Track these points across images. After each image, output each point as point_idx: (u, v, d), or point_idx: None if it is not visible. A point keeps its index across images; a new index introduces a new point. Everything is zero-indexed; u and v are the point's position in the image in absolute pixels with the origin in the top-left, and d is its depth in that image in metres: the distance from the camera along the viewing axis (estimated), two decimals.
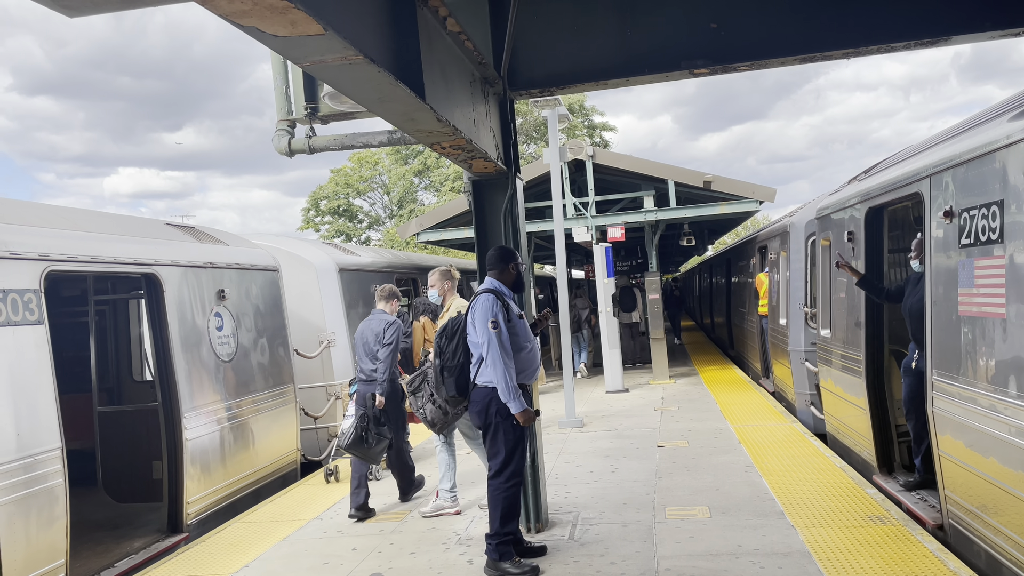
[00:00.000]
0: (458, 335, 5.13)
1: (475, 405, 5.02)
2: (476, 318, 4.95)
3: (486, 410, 4.95)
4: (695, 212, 13.41)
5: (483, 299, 4.98)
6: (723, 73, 5.71)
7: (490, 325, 4.84)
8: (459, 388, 5.09)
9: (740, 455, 7.66)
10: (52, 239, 5.68)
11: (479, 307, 4.96)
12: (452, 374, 5.09)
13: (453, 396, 5.11)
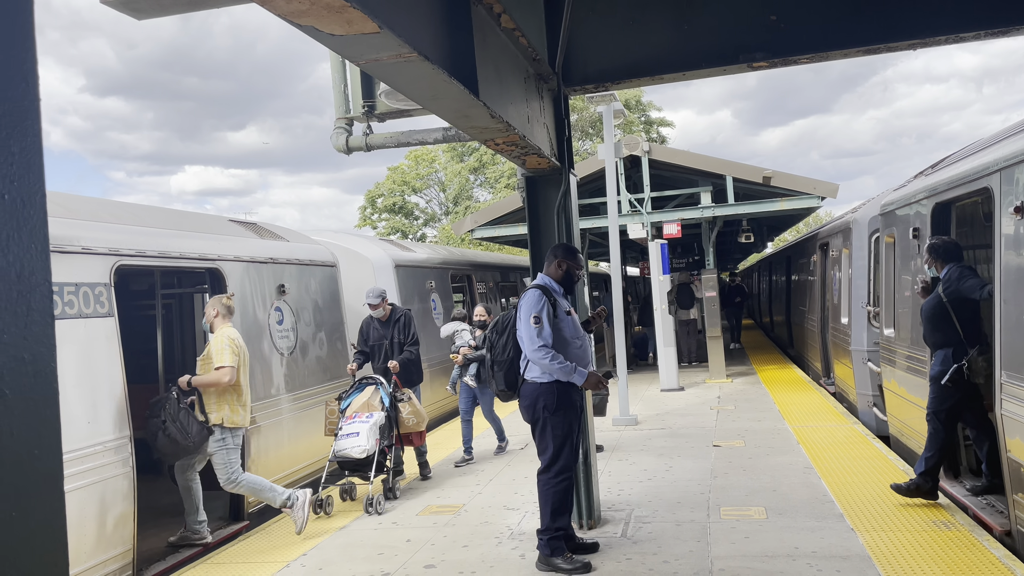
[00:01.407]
0: (508, 330, 5.17)
1: (524, 400, 5.06)
2: (522, 313, 5.01)
3: (534, 405, 4.98)
4: (754, 208, 13.17)
5: (529, 294, 5.03)
6: (783, 66, 5.59)
7: (532, 320, 4.88)
8: (508, 382, 5.14)
9: (798, 456, 7.50)
10: (121, 235, 5.90)
11: (524, 303, 5.02)
12: (501, 368, 5.14)
13: (503, 390, 5.15)
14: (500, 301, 16.12)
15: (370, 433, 6.76)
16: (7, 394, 1.08)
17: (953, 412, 5.65)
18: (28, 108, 1.16)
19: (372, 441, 6.73)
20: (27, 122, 1.15)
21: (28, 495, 1.11)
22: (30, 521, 1.11)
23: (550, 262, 5.23)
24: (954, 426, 5.74)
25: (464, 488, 7.20)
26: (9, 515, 1.09)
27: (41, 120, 1.18)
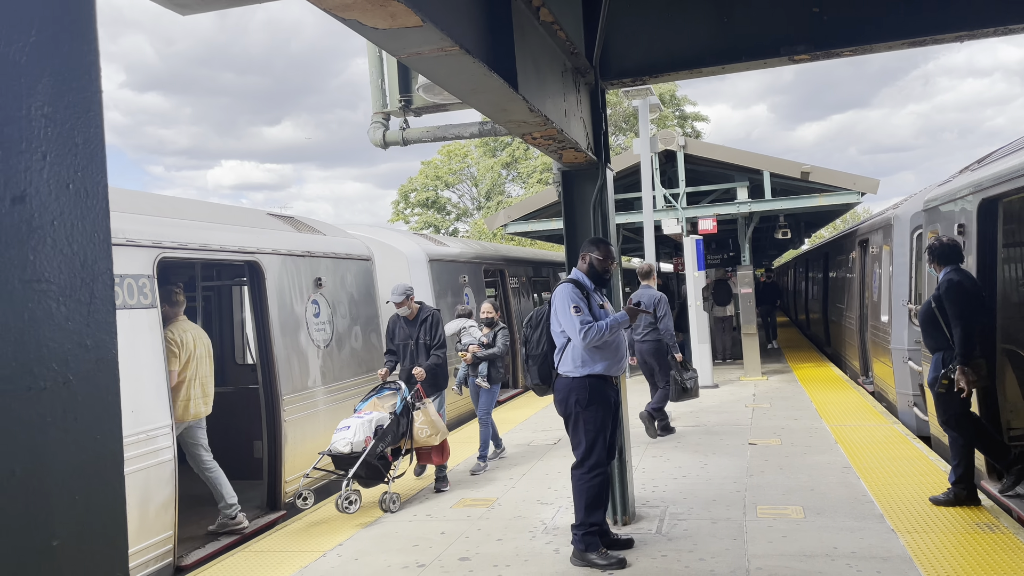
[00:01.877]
0: (542, 324, 5.20)
1: (557, 394, 5.07)
2: (556, 307, 5.02)
3: (566, 400, 4.99)
4: (791, 204, 13.00)
5: (561, 288, 5.04)
6: (825, 59, 5.51)
7: (572, 310, 4.87)
8: (542, 376, 5.17)
9: (837, 455, 7.40)
10: (163, 227, 6.00)
11: (558, 297, 5.02)
12: (535, 362, 5.19)
13: (537, 384, 5.19)
14: (533, 296, 16.11)
15: (360, 429, 6.47)
16: (71, 380, 1.11)
17: (963, 416, 5.54)
18: (91, 100, 1.18)
19: (360, 437, 6.42)
20: (90, 113, 1.18)
21: (91, 478, 1.13)
22: (93, 503, 1.14)
23: (580, 256, 5.26)
24: (972, 428, 5.61)
25: (497, 482, 7.22)
26: (73, 498, 1.11)
27: (103, 112, 1.21)
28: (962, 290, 5.40)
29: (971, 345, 5.33)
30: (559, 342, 5.05)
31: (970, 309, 5.37)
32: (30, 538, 1.05)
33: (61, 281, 1.10)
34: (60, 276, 1.10)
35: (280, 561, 5.41)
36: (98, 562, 1.15)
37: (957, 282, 5.44)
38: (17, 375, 1.03)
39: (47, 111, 1.11)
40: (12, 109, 1.06)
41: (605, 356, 4.97)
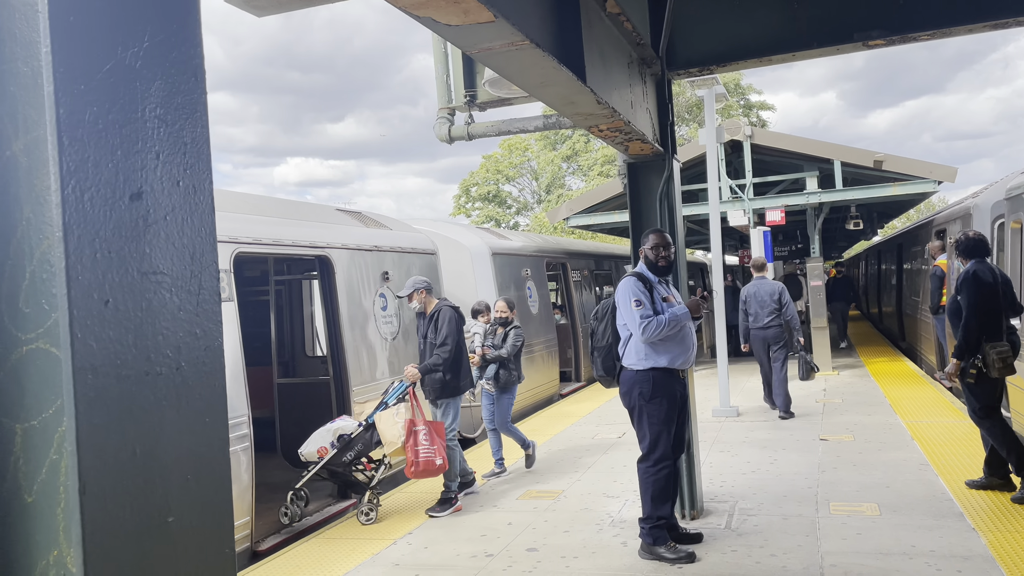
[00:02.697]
0: (607, 317, 5.19)
1: (622, 387, 5.07)
2: (619, 301, 5.02)
3: (630, 393, 4.99)
4: (863, 194, 12.63)
5: (624, 282, 5.04)
6: (901, 44, 5.34)
7: (633, 304, 4.86)
8: (605, 368, 5.18)
9: (913, 452, 7.19)
10: (239, 223, 6.20)
11: (620, 291, 5.01)
12: (600, 354, 5.20)
13: (601, 375, 5.21)
14: (595, 290, 16.06)
15: (319, 437, 6.26)
16: (183, 366, 1.18)
17: (994, 408, 5.64)
18: (197, 101, 1.25)
19: (313, 447, 6.23)
20: (197, 114, 1.24)
21: (202, 459, 1.20)
22: (203, 483, 1.20)
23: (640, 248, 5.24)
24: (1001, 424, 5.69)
25: (563, 475, 7.25)
26: (186, 477, 1.18)
27: (208, 112, 1.27)
28: (978, 283, 5.51)
29: (971, 340, 5.48)
30: (623, 335, 5.05)
31: (983, 303, 5.48)
32: (149, 515, 1.12)
33: (174, 272, 1.17)
34: (173, 268, 1.17)
35: (352, 548, 5.55)
36: (208, 538, 1.22)
37: (973, 273, 5.55)
38: (137, 361, 1.11)
39: (159, 113, 1.17)
40: (129, 111, 1.13)
41: (670, 349, 4.93)
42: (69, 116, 1.05)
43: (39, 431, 1.08)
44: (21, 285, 1.10)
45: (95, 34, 1.09)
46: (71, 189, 1.04)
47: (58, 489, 1.07)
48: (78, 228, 1.05)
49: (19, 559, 1.10)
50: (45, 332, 1.08)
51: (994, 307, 5.54)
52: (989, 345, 5.47)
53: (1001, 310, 5.59)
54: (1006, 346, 5.48)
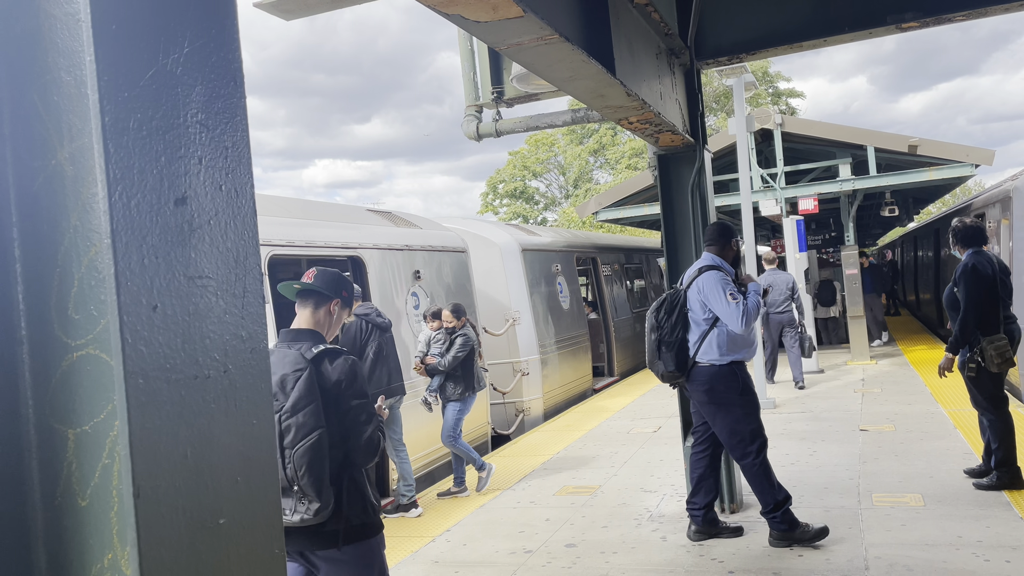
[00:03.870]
0: (678, 310, 5.00)
1: (699, 384, 4.94)
2: (708, 294, 4.85)
3: (714, 389, 4.88)
4: (898, 180, 12.40)
5: (712, 275, 4.88)
6: (935, 25, 5.22)
7: (728, 297, 4.76)
8: (678, 364, 4.98)
9: (956, 441, 7.05)
10: (273, 227, 6.27)
11: (710, 283, 4.85)
12: (671, 349, 4.97)
13: (671, 371, 4.99)
14: (626, 284, 15.98)
15: None
16: (231, 368, 1.18)
17: (998, 397, 5.60)
18: (237, 106, 1.25)
19: None
20: (237, 118, 1.25)
21: (250, 461, 1.21)
22: (253, 484, 1.21)
23: (721, 242, 5.09)
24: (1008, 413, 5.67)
25: (599, 470, 7.22)
26: (235, 479, 1.19)
27: (248, 116, 1.28)
28: (977, 276, 5.45)
29: (965, 333, 5.45)
30: (700, 329, 4.93)
31: (981, 294, 5.44)
32: (200, 517, 1.13)
33: (219, 276, 1.17)
34: (218, 272, 1.17)
35: (391, 546, 5.58)
36: (258, 538, 1.22)
37: (972, 266, 5.49)
38: (185, 364, 1.11)
39: (201, 118, 1.18)
40: (172, 117, 1.14)
41: (746, 343, 4.96)
42: (114, 124, 1.06)
43: (91, 436, 1.10)
44: (70, 292, 1.11)
45: (137, 42, 1.10)
46: (118, 196, 1.05)
47: (111, 493, 1.09)
48: (125, 234, 1.05)
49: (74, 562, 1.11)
50: (95, 338, 1.09)
51: (993, 299, 5.48)
52: (987, 340, 5.43)
53: (999, 301, 5.52)
54: (1004, 340, 5.43)
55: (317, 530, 2.74)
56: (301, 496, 2.67)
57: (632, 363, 14.92)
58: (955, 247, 5.80)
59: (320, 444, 2.67)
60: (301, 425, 2.66)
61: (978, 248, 5.64)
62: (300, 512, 2.68)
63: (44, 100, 1.12)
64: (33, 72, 1.13)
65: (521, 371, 10.50)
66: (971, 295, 5.43)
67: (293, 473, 2.65)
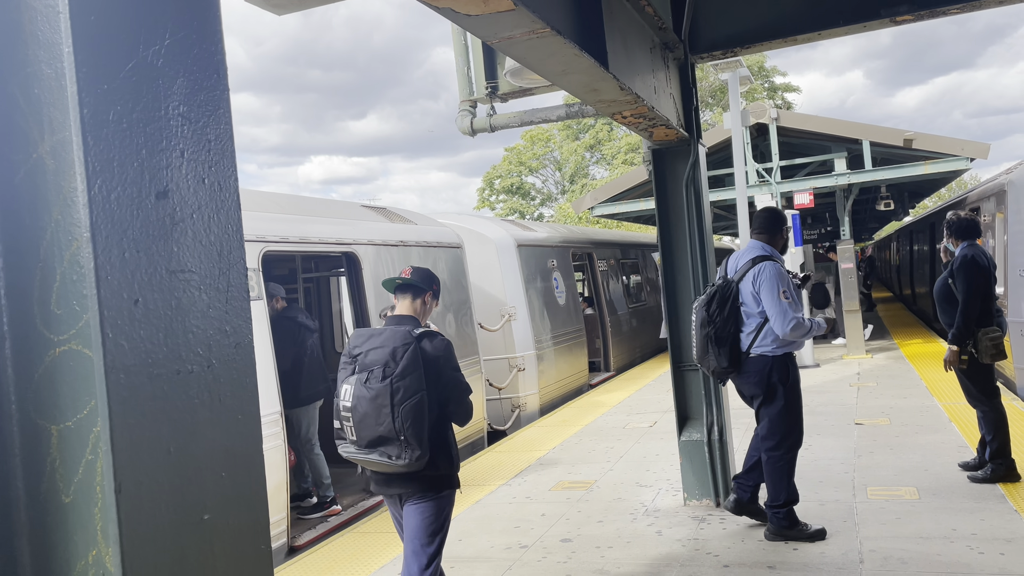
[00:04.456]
0: (730, 303, 4.85)
1: (751, 376, 4.84)
2: (762, 286, 4.74)
3: (766, 380, 4.79)
4: (894, 174, 12.41)
5: (772, 268, 4.77)
6: (930, 19, 5.22)
7: (781, 295, 4.68)
8: (732, 359, 4.86)
9: (951, 434, 7.06)
10: (267, 222, 6.25)
11: (768, 276, 4.73)
12: (724, 344, 4.83)
13: (725, 367, 4.86)
14: (622, 279, 15.98)
15: None
16: (215, 363, 1.18)
17: (992, 389, 5.65)
18: (220, 98, 1.24)
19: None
20: (220, 111, 1.24)
21: (235, 456, 1.20)
22: (238, 480, 1.20)
23: (773, 231, 5.00)
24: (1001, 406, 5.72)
25: (595, 465, 7.23)
26: (220, 475, 1.18)
27: (231, 109, 1.27)
28: (976, 267, 5.47)
29: (968, 325, 5.45)
30: (755, 321, 4.82)
31: (979, 287, 5.45)
32: (185, 513, 1.13)
33: (202, 270, 1.17)
34: (201, 266, 1.17)
35: (386, 542, 5.58)
36: (243, 534, 1.22)
37: (971, 258, 5.50)
38: (168, 359, 1.11)
39: (183, 110, 1.17)
40: (153, 109, 1.13)
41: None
42: (93, 116, 1.05)
43: (74, 432, 1.09)
44: (52, 287, 1.10)
45: (116, 33, 1.09)
46: (97, 189, 1.04)
47: (95, 489, 1.08)
48: (105, 228, 1.04)
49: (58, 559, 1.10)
50: (77, 333, 1.08)
51: (989, 291, 5.53)
52: (982, 331, 5.46)
53: (993, 293, 5.57)
54: (998, 331, 5.47)
55: (413, 475, 3.33)
56: (405, 445, 3.24)
57: (628, 358, 14.92)
58: (950, 240, 5.82)
59: (421, 404, 3.26)
60: (408, 387, 3.25)
61: (972, 241, 5.67)
62: (403, 459, 3.25)
63: (25, 93, 1.11)
64: (14, 65, 1.12)
65: (517, 367, 10.50)
66: (972, 286, 5.44)
67: (400, 425, 3.22)
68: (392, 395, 3.23)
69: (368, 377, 3.31)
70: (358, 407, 3.31)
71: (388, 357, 3.28)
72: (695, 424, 5.83)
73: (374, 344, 3.38)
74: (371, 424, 3.27)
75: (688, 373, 5.86)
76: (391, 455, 3.26)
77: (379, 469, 3.38)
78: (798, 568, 4.41)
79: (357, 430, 3.33)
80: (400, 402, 3.23)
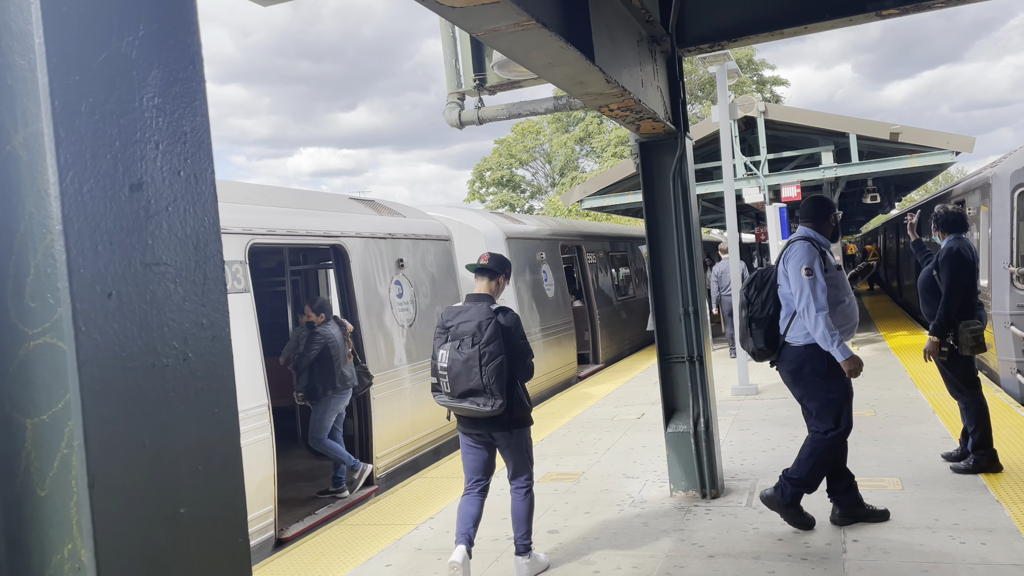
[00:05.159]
0: (768, 285, 4.83)
1: (787, 364, 4.75)
2: (789, 266, 4.65)
3: (799, 370, 4.69)
4: (880, 167, 12.47)
5: (799, 246, 4.67)
6: (915, 12, 5.23)
7: (803, 272, 4.54)
8: (768, 341, 4.81)
9: (934, 425, 7.12)
10: (253, 215, 6.22)
11: (794, 255, 4.64)
12: (760, 326, 4.80)
13: (761, 349, 4.84)
14: (611, 272, 16.00)
15: None
16: (190, 357, 1.17)
17: (973, 380, 5.72)
18: (196, 90, 1.24)
19: None
20: (196, 103, 1.23)
21: (212, 450, 1.20)
22: (215, 473, 1.20)
23: (819, 218, 4.85)
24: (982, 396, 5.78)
25: (582, 456, 7.25)
26: (196, 468, 1.18)
27: (207, 100, 1.26)
28: (961, 260, 5.53)
29: (949, 317, 5.52)
30: (790, 307, 4.71)
31: (963, 280, 5.51)
32: (159, 506, 1.12)
33: (177, 263, 1.16)
34: (176, 258, 1.16)
35: (375, 534, 5.59)
36: (220, 528, 1.22)
37: (956, 251, 5.56)
38: (142, 352, 1.10)
39: (157, 102, 1.16)
40: (126, 101, 1.12)
41: (838, 321, 4.66)
42: (64, 107, 1.04)
43: (49, 426, 1.08)
44: (26, 280, 1.10)
45: (88, 23, 1.08)
46: (69, 181, 1.03)
47: (70, 483, 1.07)
48: (78, 221, 1.04)
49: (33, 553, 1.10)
50: (51, 327, 1.07)
51: (972, 284, 5.58)
52: (963, 323, 5.50)
53: (976, 286, 5.62)
54: (979, 324, 5.52)
55: (498, 419, 4.32)
56: (490, 395, 4.21)
57: (617, 350, 14.96)
58: (936, 232, 5.87)
59: (502, 364, 4.23)
60: (491, 352, 4.21)
61: (959, 234, 5.71)
62: (489, 406, 4.22)
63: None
64: None
65: None
66: (956, 279, 5.50)
67: (487, 380, 4.20)
68: (480, 358, 4.20)
69: (460, 344, 4.27)
70: (452, 367, 4.27)
71: (475, 328, 4.25)
72: (682, 416, 5.85)
73: (463, 319, 4.34)
74: (463, 380, 4.23)
75: (675, 365, 5.88)
76: (479, 403, 4.23)
77: (468, 414, 4.36)
78: (782, 558, 4.44)
79: (452, 385, 4.29)
80: (486, 363, 4.19)
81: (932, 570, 4.11)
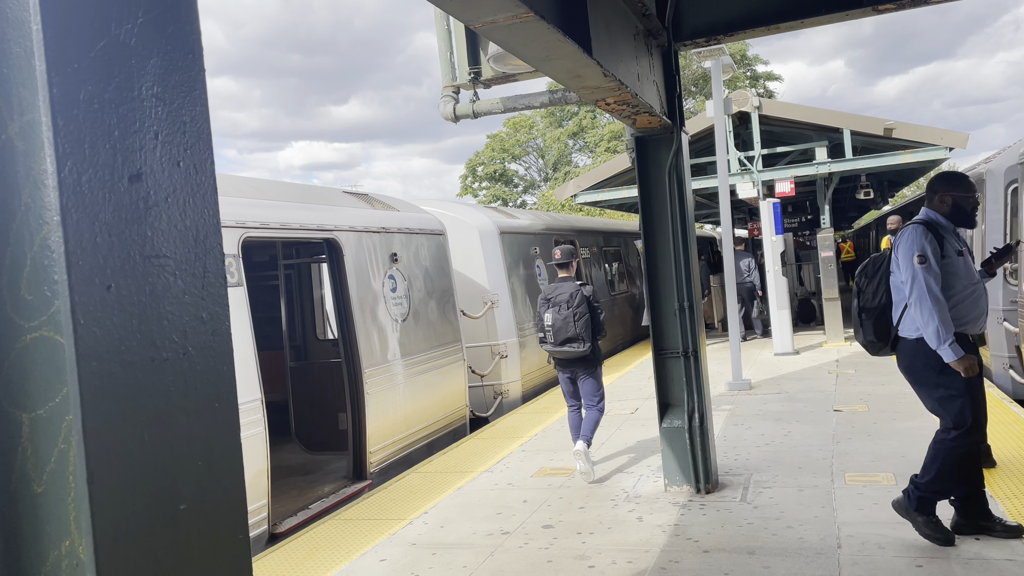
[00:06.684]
0: (880, 273, 4.46)
1: (902, 359, 4.41)
2: (900, 252, 4.27)
3: (912, 365, 4.32)
4: (874, 163, 12.48)
5: (910, 231, 4.28)
6: (911, 8, 5.23)
7: (916, 260, 4.16)
8: (877, 333, 4.47)
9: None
10: (247, 208, 6.18)
11: (904, 241, 4.27)
12: (871, 317, 4.46)
13: (871, 341, 4.50)
14: (604, 266, 16.00)
15: None
16: (190, 351, 1.15)
17: None
18: (195, 79, 1.21)
19: None
20: (195, 92, 1.21)
21: (212, 444, 1.18)
22: (215, 468, 1.18)
23: (931, 195, 4.46)
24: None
25: None
26: (196, 463, 1.16)
27: (207, 90, 1.24)
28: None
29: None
30: (898, 297, 4.37)
31: None
32: (160, 502, 1.11)
33: (177, 256, 1.14)
34: (176, 251, 1.14)
35: (369, 528, 5.57)
36: (221, 523, 1.20)
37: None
38: (142, 347, 1.08)
39: (157, 91, 1.14)
40: (125, 90, 1.10)
41: (960, 312, 4.25)
42: (63, 96, 1.02)
43: (46, 420, 1.06)
44: (23, 272, 1.08)
45: (87, 11, 1.06)
46: (68, 171, 1.01)
47: (67, 479, 1.06)
48: (76, 212, 1.02)
49: (30, 549, 1.08)
50: (48, 319, 1.05)
51: None
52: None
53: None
54: None
55: (583, 358, 6.28)
56: (581, 341, 6.18)
57: (611, 345, 14.97)
58: None
59: (587, 321, 6.18)
60: (580, 312, 6.19)
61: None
62: (580, 349, 6.20)
63: None
64: None
65: (499, 354, 10.50)
66: None
67: (579, 331, 6.17)
68: (574, 317, 6.17)
69: (560, 308, 6.23)
70: (555, 324, 6.24)
71: (568, 297, 6.23)
72: (676, 411, 5.85)
73: (559, 291, 6.32)
74: (563, 332, 6.20)
75: (670, 360, 5.88)
76: (575, 347, 6.20)
77: (565, 356, 6.31)
78: (777, 553, 4.45)
79: (555, 336, 6.24)
80: (577, 320, 6.16)
81: (927, 565, 4.12)
